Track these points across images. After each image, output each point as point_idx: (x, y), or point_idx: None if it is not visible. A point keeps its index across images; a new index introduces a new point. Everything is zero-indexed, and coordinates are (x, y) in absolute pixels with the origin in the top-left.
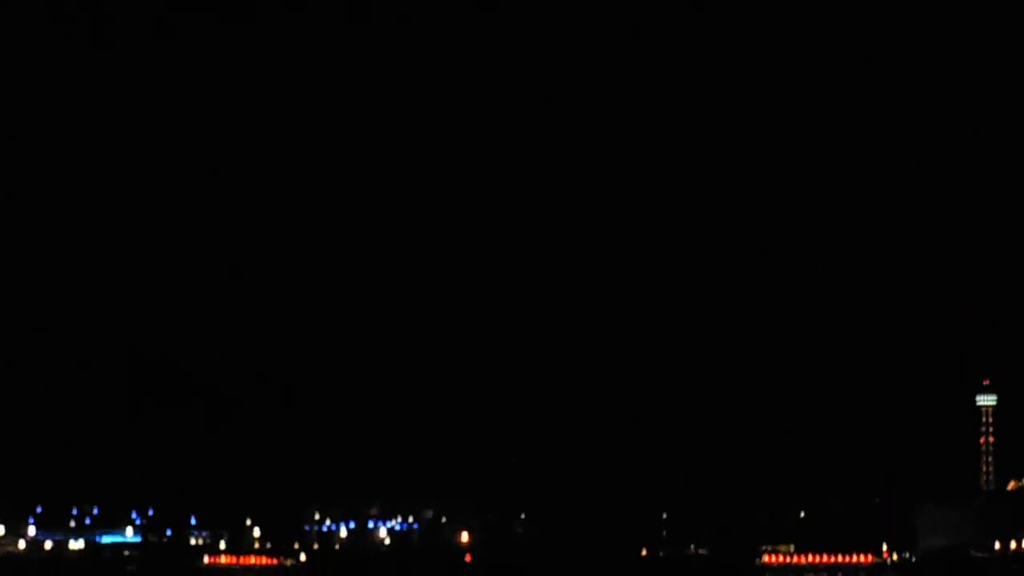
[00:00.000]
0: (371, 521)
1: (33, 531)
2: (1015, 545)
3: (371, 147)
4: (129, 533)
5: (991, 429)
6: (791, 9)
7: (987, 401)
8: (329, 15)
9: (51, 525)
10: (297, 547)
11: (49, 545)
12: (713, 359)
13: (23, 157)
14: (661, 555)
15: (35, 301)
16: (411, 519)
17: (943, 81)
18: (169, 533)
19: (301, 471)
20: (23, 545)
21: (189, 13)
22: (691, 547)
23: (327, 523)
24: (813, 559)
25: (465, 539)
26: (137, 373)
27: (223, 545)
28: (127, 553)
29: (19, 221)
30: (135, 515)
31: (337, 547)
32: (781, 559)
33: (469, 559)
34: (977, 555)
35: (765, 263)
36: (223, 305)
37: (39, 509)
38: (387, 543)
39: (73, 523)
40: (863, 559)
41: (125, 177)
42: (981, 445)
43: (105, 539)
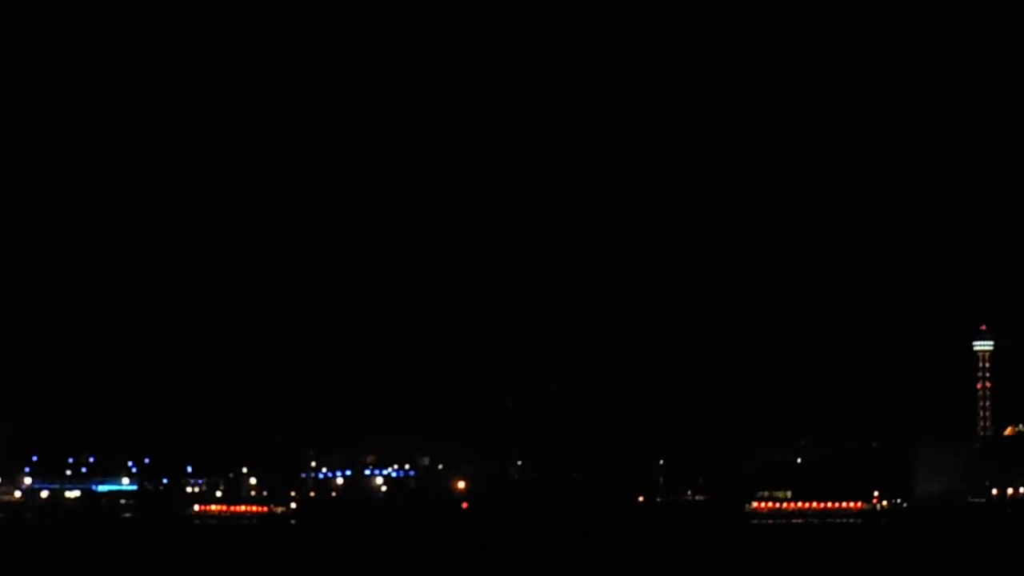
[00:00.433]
0: (367, 469)
1: (29, 480)
2: (1012, 490)
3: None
4: (125, 482)
5: (988, 375)
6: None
7: (984, 346)
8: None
9: (47, 474)
10: (294, 494)
11: (45, 494)
12: (711, 305)
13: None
14: (658, 501)
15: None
16: (407, 466)
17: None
18: (165, 481)
19: (297, 419)
20: (19, 494)
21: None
22: (688, 493)
23: (323, 471)
24: (803, 505)
25: (461, 486)
26: (132, 323)
27: (219, 493)
28: (123, 501)
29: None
30: (131, 464)
31: (334, 495)
32: (771, 505)
33: (465, 506)
34: (974, 500)
35: (764, 217)
36: (221, 256)
37: (35, 458)
38: (383, 490)
39: (69, 472)
40: (852, 506)
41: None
42: (978, 390)
43: (101, 487)
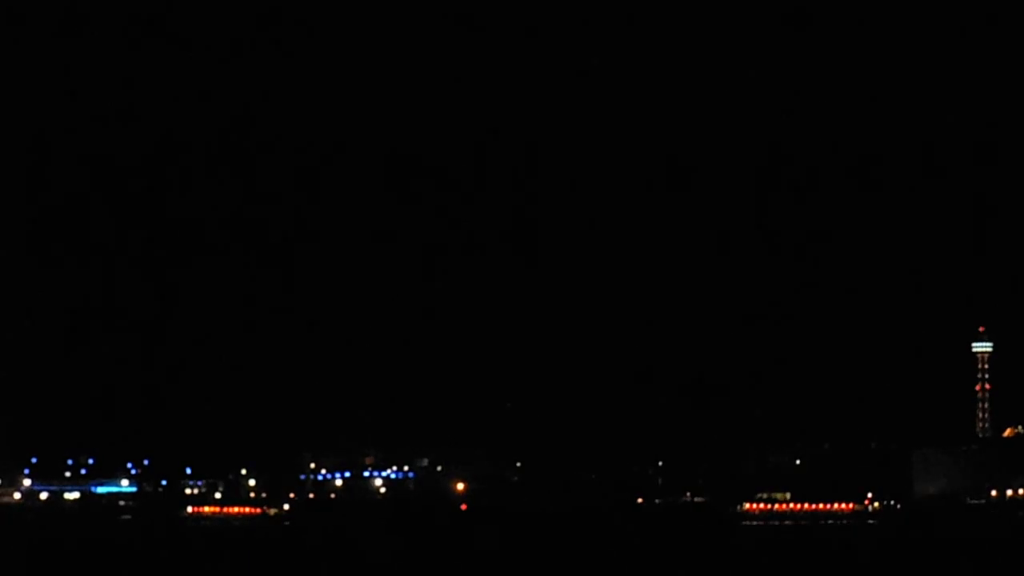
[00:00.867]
0: (366, 470)
1: (28, 482)
2: (1010, 492)
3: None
4: (125, 483)
5: (987, 376)
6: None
7: (983, 348)
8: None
9: (47, 476)
10: (293, 496)
11: (45, 496)
12: (711, 307)
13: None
14: (656, 502)
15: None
16: (406, 468)
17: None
18: (164, 483)
19: (296, 421)
20: (19, 496)
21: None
22: (687, 495)
23: (322, 472)
24: (795, 507)
25: (460, 488)
26: (131, 325)
27: (218, 495)
28: (123, 503)
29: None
30: (130, 465)
31: (333, 496)
32: (763, 507)
33: (464, 508)
34: (973, 502)
35: (764, 219)
36: (222, 256)
37: (34, 460)
38: (382, 492)
39: (69, 473)
40: (845, 507)
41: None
42: (977, 392)
43: (101, 489)
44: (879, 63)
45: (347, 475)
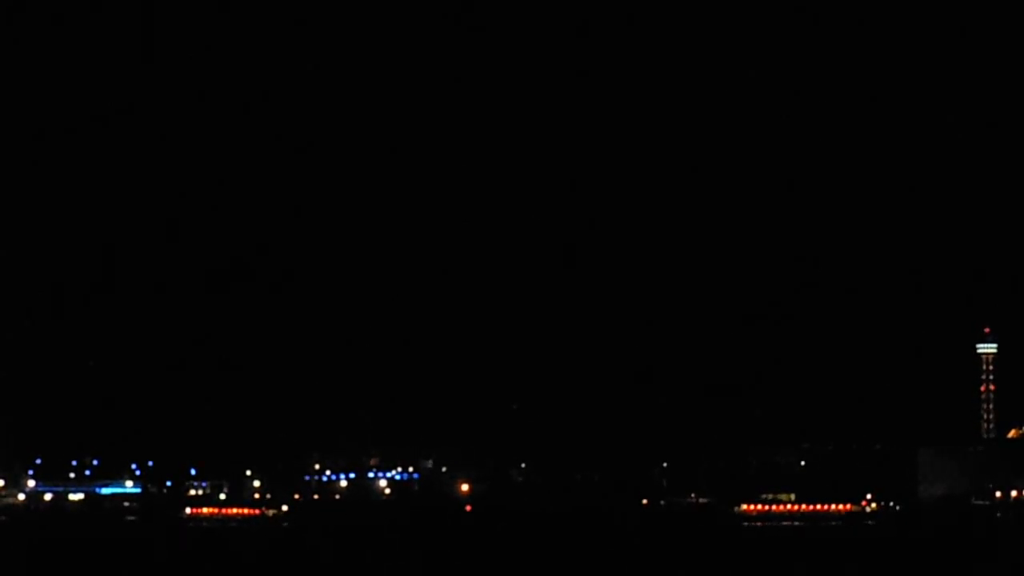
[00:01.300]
0: (371, 471)
1: (33, 483)
2: (1016, 493)
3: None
4: (129, 484)
5: (992, 377)
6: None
7: (988, 349)
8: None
9: (51, 477)
10: (298, 497)
11: (49, 497)
12: (716, 308)
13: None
14: (661, 503)
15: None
16: (411, 469)
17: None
18: (169, 484)
19: (301, 422)
20: (23, 497)
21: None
22: (691, 496)
23: (327, 473)
24: (792, 508)
25: (465, 489)
26: (136, 326)
27: (223, 496)
28: (127, 504)
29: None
30: (135, 466)
31: (337, 497)
32: (760, 508)
33: (469, 509)
34: (978, 502)
35: (769, 220)
36: (226, 259)
37: (39, 461)
38: (387, 493)
39: (73, 474)
40: (842, 509)
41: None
42: (982, 393)
43: (105, 490)
44: (879, 63)
45: (352, 476)
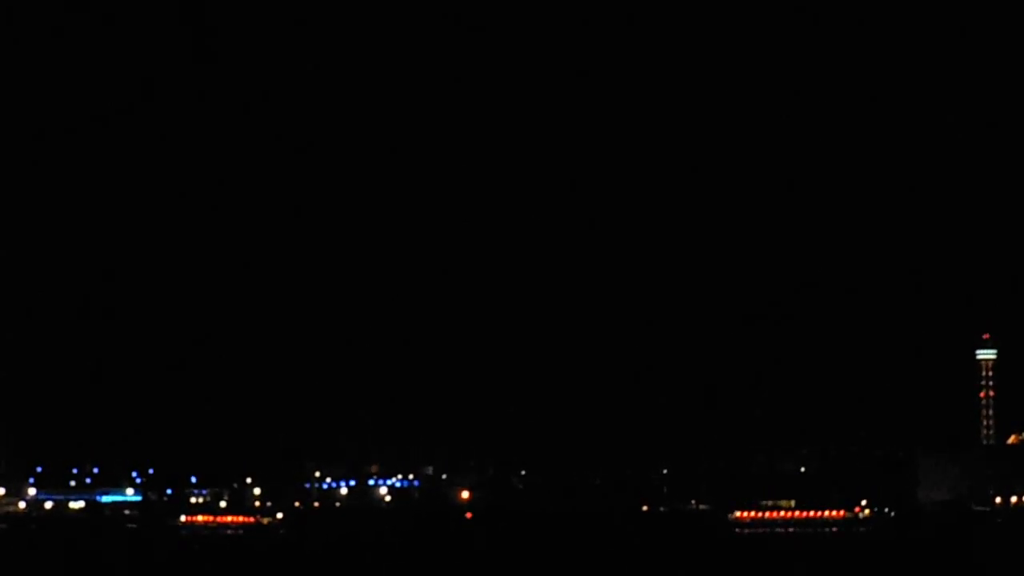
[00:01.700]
0: (371, 478)
1: (33, 491)
2: (1015, 499)
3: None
4: (129, 492)
5: (991, 383)
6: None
7: (987, 355)
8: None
9: (51, 485)
10: (298, 505)
11: (50, 505)
12: (715, 314)
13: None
14: (661, 510)
15: (34, 263)
16: (411, 476)
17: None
18: (170, 492)
19: (300, 429)
20: (23, 505)
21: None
22: (692, 502)
23: (327, 481)
24: (785, 515)
25: (465, 496)
26: (137, 333)
27: (223, 504)
28: (128, 512)
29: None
30: (135, 474)
31: (337, 504)
32: (753, 515)
33: (470, 516)
34: (977, 508)
35: (768, 210)
36: (226, 264)
37: (39, 469)
38: (387, 500)
39: (73, 483)
40: (836, 515)
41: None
42: (981, 399)
43: (105, 498)
44: (879, 63)
45: (352, 483)
